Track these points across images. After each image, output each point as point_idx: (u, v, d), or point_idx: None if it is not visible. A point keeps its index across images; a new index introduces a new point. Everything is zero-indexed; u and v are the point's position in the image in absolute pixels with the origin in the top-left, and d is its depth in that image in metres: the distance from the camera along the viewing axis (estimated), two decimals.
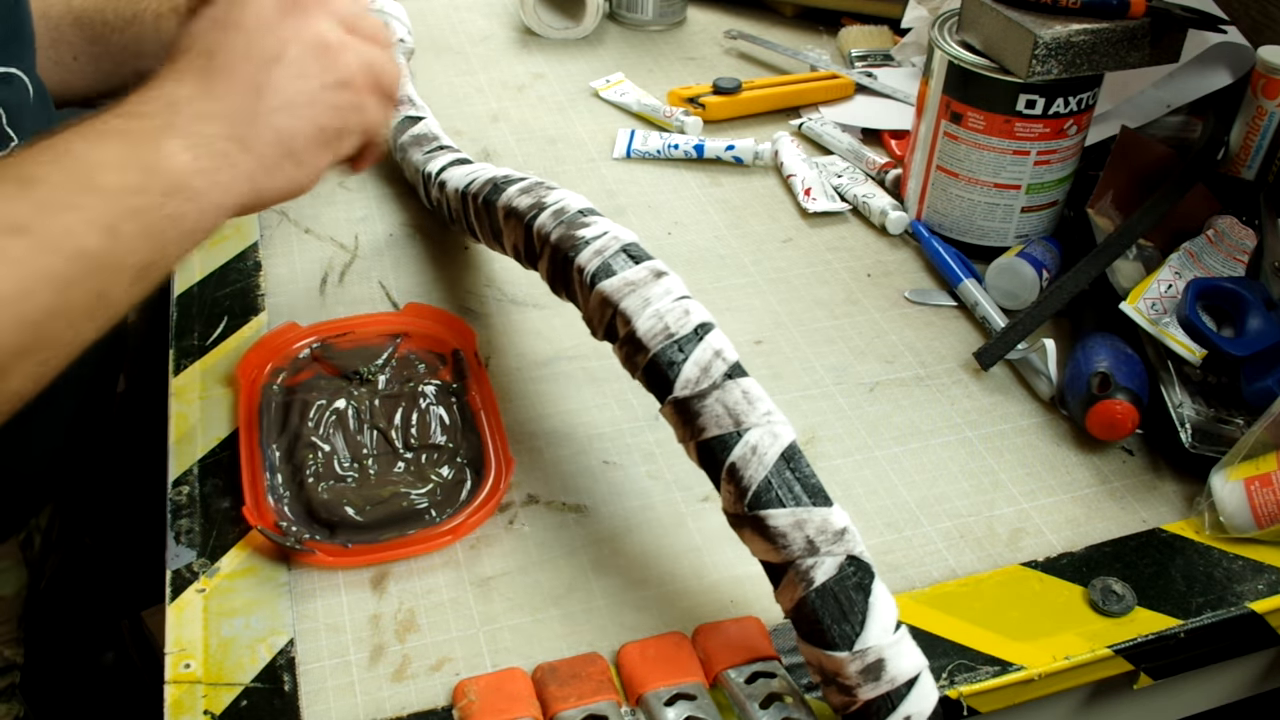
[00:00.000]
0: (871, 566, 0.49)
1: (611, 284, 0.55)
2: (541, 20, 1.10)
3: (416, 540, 0.58)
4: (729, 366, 0.52)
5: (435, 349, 0.69)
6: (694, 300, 0.55)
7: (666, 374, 0.52)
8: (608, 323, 0.56)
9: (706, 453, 0.51)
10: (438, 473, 0.61)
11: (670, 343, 0.53)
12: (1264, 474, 0.59)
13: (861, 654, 0.47)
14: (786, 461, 0.50)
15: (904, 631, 0.48)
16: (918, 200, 0.84)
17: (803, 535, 0.48)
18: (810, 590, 0.48)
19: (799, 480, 0.50)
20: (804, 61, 1.05)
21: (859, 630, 0.47)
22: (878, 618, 0.47)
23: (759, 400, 0.51)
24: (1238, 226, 0.75)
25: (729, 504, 0.51)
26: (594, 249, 0.57)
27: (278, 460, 0.61)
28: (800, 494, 0.49)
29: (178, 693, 0.51)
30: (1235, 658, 0.61)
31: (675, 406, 0.52)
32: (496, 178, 0.67)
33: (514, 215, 0.63)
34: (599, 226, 0.59)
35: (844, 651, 0.47)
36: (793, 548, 0.48)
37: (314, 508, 0.59)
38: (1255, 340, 0.65)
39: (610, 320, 0.55)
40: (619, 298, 0.55)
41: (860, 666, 0.47)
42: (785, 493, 0.49)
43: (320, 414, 0.64)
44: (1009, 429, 0.68)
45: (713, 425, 0.51)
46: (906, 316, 0.77)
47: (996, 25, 0.75)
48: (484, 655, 0.54)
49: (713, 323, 0.54)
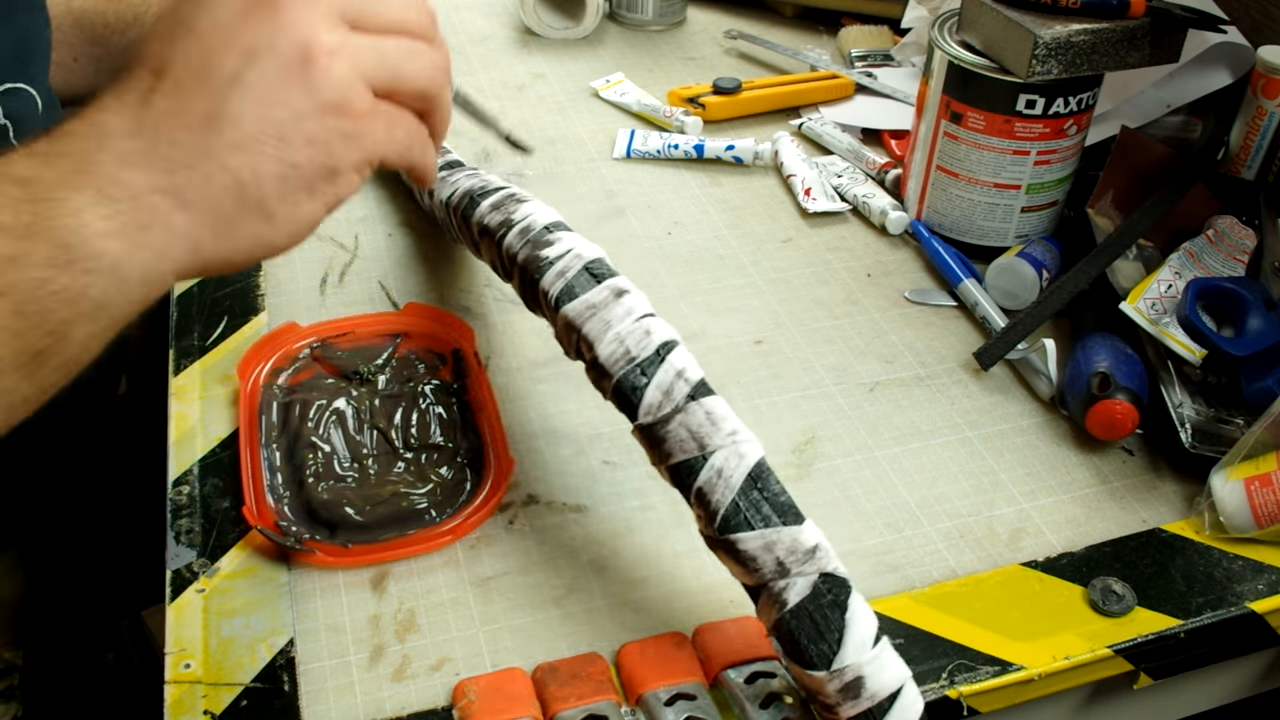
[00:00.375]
0: (847, 581, 0.48)
1: (574, 308, 0.54)
2: (541, 20, 1.10)
3: (417, 540, 0.58)
4: (692, 387, 0.51)
5: (435, 349, 0.69)
6: (657, 319, 0.54)
7: (630, 399, 0.52)
8: (575, 346, 0.55)
9: (676, 477, 0.51)
10: (438, 473, 0.61)
11: (632, 367, 0.52)
12: (1264, 474, 0.59)
13: (839, 673, 0.46)
14: (754, 482, 0.49)
15: (885, 645, 0.48)
16: (918, 200, 0.84)
17: (773, 557, 0.48)
18: (785, 612, 0.47)
19: (767, 500, 0.49)
20: (804, 61, 1.05)
21: (836, 649, 0.47)
22: (855, 634, 0.47)
23: (723, 420, 0.50)
24: (1238, 226, 0.75)
25: (701, 527, 0.50)
26: (557, 270, 0.56)
27: (278, 460, 0.61)
28: (769, 514, 0.49)
29: (178, 693, 0.51)
30: (1235, 658, 0.61)
31: (641, 432, 0.52)
32: (473, 189, 0.66)
33: (486, 234, 0.62)
34: (563, 244, 0.57)
35: (822, 671, 0.47)
36: (764, 570, 0.48)
37: (314, 508, 0.59)
38: (1255, 340, 0.65)
39: (576, 344, 0.55)
40: (580, 322, 0.54)
41: (839, 685, 0.47)
42: (754, 514, 0.49)
43: (320, 414, 0.64)
44: (1009, 429, 0.68)
45: (678, 450, 0.50)
46: (906, 316, 0.77)
47: (996, 25, 0.75)
48: (484, 655, 0.54)
49: (676, 340, 0.53)
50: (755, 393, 0.69)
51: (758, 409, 0.68)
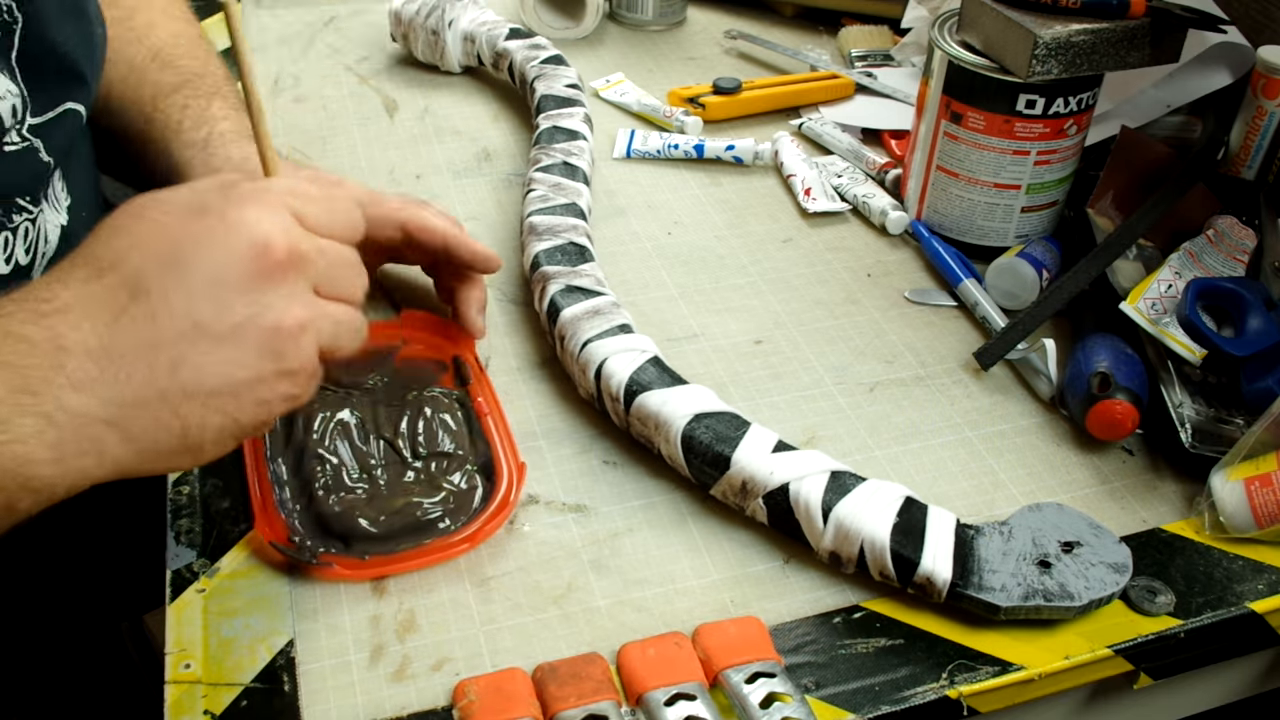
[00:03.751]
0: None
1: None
2: (541, 20, 1.10)
3: (433, 550, 0.57)
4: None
5: (435, 355, 0.69)
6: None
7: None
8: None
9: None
10: (449, 481, 0.61)
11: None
12: (1264, 474, 0.59)
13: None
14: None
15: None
16: (918, 200, 0.84)
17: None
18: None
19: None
20: (804, 61, 1.05)
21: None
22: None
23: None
24: (1238, 226, 0.75)
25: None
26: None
27: (285, 474, 0.60)
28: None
29: (178, 693, 0.51)
30: (1235, 658, 0.61)
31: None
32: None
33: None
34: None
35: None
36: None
37: (326, 520, 0.58)
38: (1255, 340, 0.65)
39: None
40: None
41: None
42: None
43: (324, 425, 0.63)
44: (1009, 429, 0.68)
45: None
46: (906, 316, 0.77)
47: (996, 25, 0.75)
48: (484, 655, 0.54)
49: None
50: (755, 393, 0.69)
51: (758, 409, 0.68)
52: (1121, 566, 0.56)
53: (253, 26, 1.10)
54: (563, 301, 0.68)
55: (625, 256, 0.81)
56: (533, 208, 0.77)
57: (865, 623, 0.56)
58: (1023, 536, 0.57)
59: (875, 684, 0.52)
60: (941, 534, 0.56)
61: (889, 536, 0.55)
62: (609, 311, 0.68)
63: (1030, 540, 0.57)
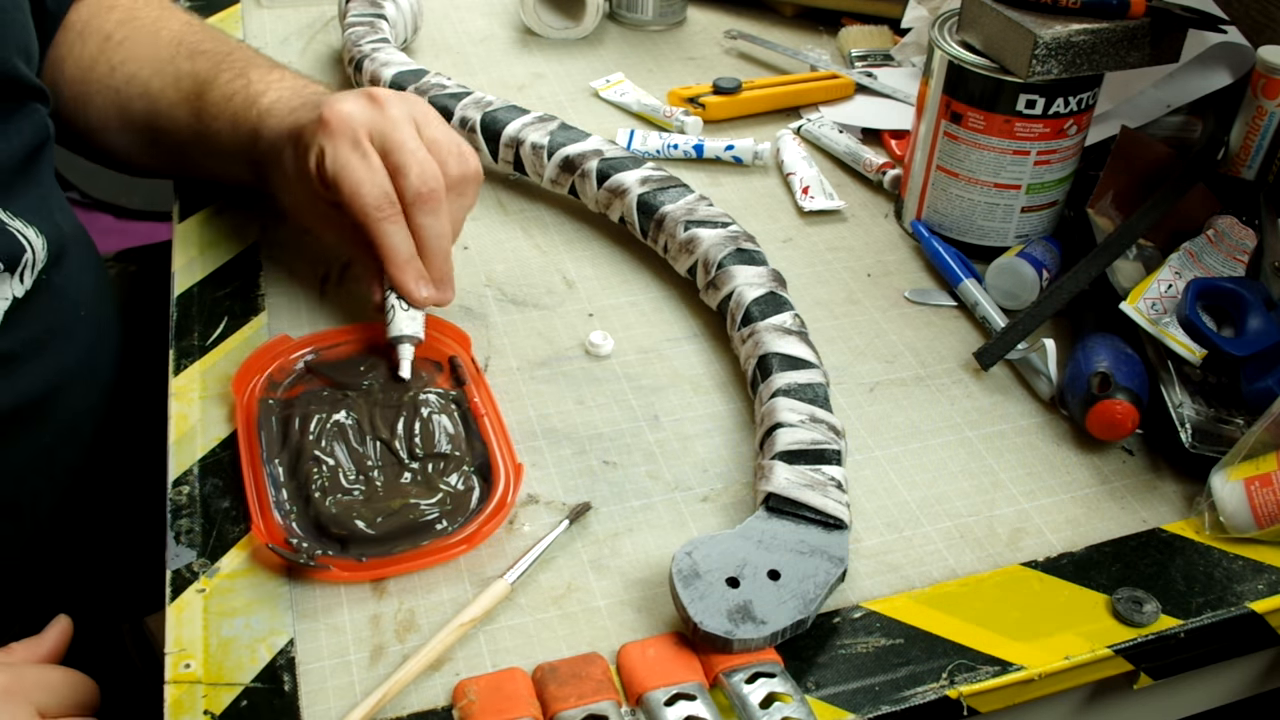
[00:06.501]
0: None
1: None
2: (541, 20, 1.10)
3: (431, 551, 0.57)
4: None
5: (431, 356, 0.69)
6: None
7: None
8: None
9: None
10: (446, 482, 0.61)
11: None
12: (1264, 474, 0.59)
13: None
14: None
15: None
16: (918, 200, 0.84)
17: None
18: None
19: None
20: (804, 61, 1.05)
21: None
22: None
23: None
24: (1238, 226, 0.75)
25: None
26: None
27: (281, 475, 0.60)
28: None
29: (178, 693, 0.51)
30: (1235, 658, 0.61)
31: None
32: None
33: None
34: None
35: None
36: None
37: (323, 522, 0.58)
38: (1255, 340, 0.65)
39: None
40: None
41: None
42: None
43: (320, 427, 0.63)
44: (1009, 429, 0.68)
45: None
46: (906, 316, 0.77)
47: (996, 25, 0.75)
48: (484, 655, 0.54)
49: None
50: None
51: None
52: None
53: (253, 26, 1.10)
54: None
55: (625, 257, 0.81)
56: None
57: (865, 623, 0.56)
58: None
59: (875, 684, 0.53)
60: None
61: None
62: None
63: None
